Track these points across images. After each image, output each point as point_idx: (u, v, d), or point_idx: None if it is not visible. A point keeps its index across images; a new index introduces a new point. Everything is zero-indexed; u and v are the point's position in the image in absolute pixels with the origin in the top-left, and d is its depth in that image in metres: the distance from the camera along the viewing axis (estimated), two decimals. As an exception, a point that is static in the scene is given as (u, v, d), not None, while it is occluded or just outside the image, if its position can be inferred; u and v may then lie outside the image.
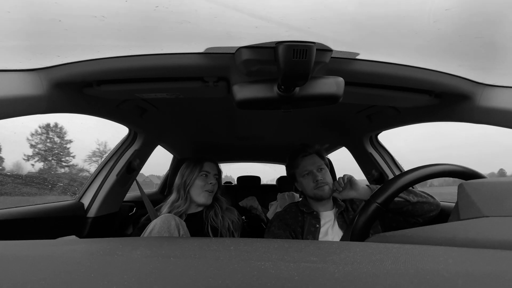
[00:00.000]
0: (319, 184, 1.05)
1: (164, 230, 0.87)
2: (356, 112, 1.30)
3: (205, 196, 1.10)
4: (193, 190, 1.10)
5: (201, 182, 1.10)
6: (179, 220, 0.94)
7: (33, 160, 8.67)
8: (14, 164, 5.11)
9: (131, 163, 1.39)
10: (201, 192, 1.10)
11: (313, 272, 0.25)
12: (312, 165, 1.09)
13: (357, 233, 0.61)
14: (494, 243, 0.35)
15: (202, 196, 1.10)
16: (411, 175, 0.63)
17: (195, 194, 1.10)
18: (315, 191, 1.05)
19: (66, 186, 2.74)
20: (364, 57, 0.70)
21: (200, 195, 1.10)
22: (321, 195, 1.05)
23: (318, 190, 1.05)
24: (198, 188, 1.10)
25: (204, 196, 1.10)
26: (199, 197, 1.10)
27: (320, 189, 1.05)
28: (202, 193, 1.10)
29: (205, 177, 1.12)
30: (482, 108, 0.80)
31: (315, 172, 1.07)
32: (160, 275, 0.25)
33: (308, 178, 1.08)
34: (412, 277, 0.24)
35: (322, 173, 1.08)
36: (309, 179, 1.08)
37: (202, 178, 1.12)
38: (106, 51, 0.67)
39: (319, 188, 1.05)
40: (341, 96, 0.66)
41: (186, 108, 1.29)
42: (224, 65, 0.70)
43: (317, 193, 1.05)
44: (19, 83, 0.68)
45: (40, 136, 12.02)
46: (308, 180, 1.08)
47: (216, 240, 0.46)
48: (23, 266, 0.28)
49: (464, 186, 0.47)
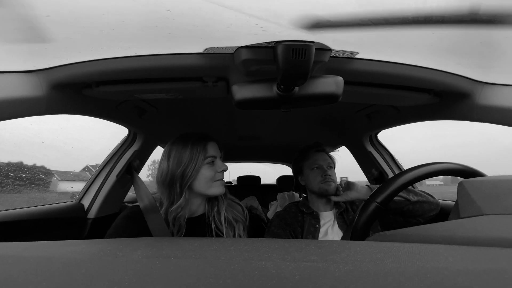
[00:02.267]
0: (326, 179, 1.06)
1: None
2: (356, 111, 1.30)
3: (218, 186, 0.84)
4: (198, 184, 0.82)
5: (210, 172, 0.82)
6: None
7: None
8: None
9: (131, 164, 1.39)
10: (211, 184, 0.83)
11: (314, 271, 0.25)
12: (324, 161, 1.11)
13: (357, 233, 0.62)
14: (494, 241, 0.35)
15: (215, 187, 0.84)
16: (411, 174, 0.63)
17: (203, 188, 0.82)
18: (321, 185, 1.06)
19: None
20: (363, 56, 0.70)
21: (211, 187, 0.83)
22: (326, 190, 1.05)
23: (324, 184, 1.06)
24: (206, 181, 0.82)
25: (217, 186, 0.84)
26: (211, 189, 0.83)
27: (327, 184, 1.05)
28: (213, 184, 0.83)
29: (211, 165, 0.84)
30: (482, 106, 0.80)
31: (325, 167, 1.09)
32: (161, 276, 0.25)
33: (316, 172, 1.09)
34: (413, 275, 0.24)
35: (331, 171, 1.10)
36: (317, 173, 1.09)
37: (208, 165, 0.83)
38: (105, 52, 0.67)
39: (326, 183, 1.06)
40: (340, 95, 0.66)
41: (186, 108, 1.28)
42: (223, 65, 0.70)
43: (322, 187, 1.06)
44: (18, 85, 0.68)
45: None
46: (316, 174, 1.09)
47: (216, 240, 0.46)
48: (23, 267, 0.28)
49: (464, 184, 0.47)
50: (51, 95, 0.74)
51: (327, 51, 0.64)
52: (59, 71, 0.71)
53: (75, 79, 0.73)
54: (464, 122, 0.90)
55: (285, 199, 1.86)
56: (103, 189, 1.32)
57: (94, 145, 3.20)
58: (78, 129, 1.51)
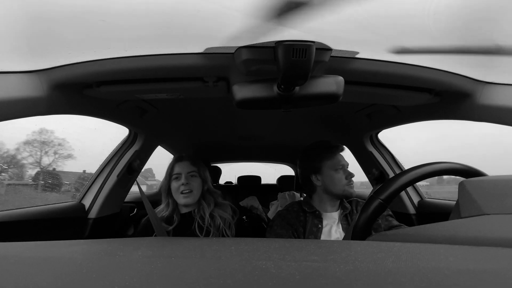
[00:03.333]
0: (351, 182, 1.04)
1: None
2: (356, 111, 1.30)
3: (182, 198, 1.09)
4: (173, 193, 1.11)
5: (176, 184, 1.10)
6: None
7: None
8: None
9: (132, 164, 1.39)
10: (178, 195, 1.10)
11: (314, 271, 0.25)
12: (345, 161, 1.08)
13: (359, 229, 0.61)
14: (495, 241, 0.35)
15: (180, 198, 1.10)
16: (414, 172, 0.63)
17: (176, 197, 1.11)
18: (347, 187, 1.03)
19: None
20: (363, 56, 0.70)
21: (178, 198, 1.10)
22: (351, 193, 1.03)
23: (349, 187, 1.03)
24: (174, 192, 1.11)
25: (181, 198, 1.09)
26: (179, 199, 1.10)
27: (351, 186, 1.04)
28: (179, 196, 1.10)
29: (177, 180, 1.11)
30: (483, 106, 0.80)
31: (346, 168, 1.06)
32: (161, 276, 0.25)
33: (341, 173, 1.05)
34: (413, 275, 0.24)
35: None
36: (342, 174, 1.05)
37: (175, 181, 1.11)
38: (105, 52, 0.67)
39: (350, 185, 1.04)
40: (341, 95, 0.65)
41: (186, 108, 1.29)
42: (224, 65, 0.70)
43: (347, 190, 1.03)
44: (19, 85, 0.68)
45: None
46: (341, 175, 1.04)
47: (217, 240, 0.46)
48: (24, 267, 0.28)
49: (465, 184, 0.47)
50: (52, 95, 0.74)
51: (328, 51, 0.64)
52: (60, 71, 0.71)
53: (76, 79, 0.73)
54: (466, 122, 0.90)
55: (285, 199, 1.86)
56: (103, 189, 1.32)
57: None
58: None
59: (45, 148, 3.76)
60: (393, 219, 1.03)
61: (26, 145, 3.58)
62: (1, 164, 3.50)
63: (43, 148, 3.73)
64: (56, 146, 3.83)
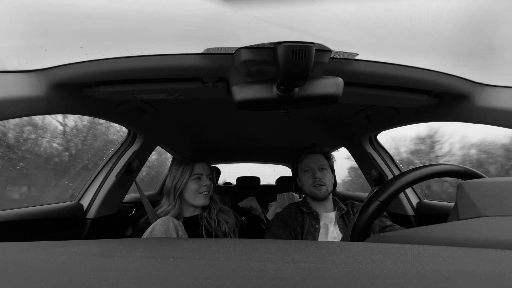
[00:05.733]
0: (316, 182, 1.05)
1: (162, 232, 0.88)
2: (355, 113, 1.30)
3: (202, 198, 1.09)
4: (187, 194, 1.08)
5: (195, 186, 1.08)
6: (178, 222, 0.94)
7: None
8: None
9: (131, 164, 1.38)
10: (197, 195, 1.08)
11: (313, 272, 0.25)
12: (315, 163, 1.10)
13: (358, 231, 0.61)
14: (493, 243, 0.35)
15: (199, 199, 1.08)
16: (412, 174, 0.63)
17: (190, 198, 1.08)
18: (312, 189, 1.06)
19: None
20: (363, 58, 0.70)
21: (196, 198, 1.08)
22: (316, 194, 1.05)
23: (314, 189, 1.06)
24: (192, 192, 1.08)
25: (201, 198, 1.09)
26: (196, 200, 1.08)
27: (316, 188, 1.05)
28: (198, 196, 1.08)
29: (198, 180, 1.10)
30: (481, 108, 0.80)
31: (315, 169, 1.08)
32: (159, 276, 0.25)
33: (307, 175, 1.09)
34: (412, 277, 0.24)
35: (323, 172, 1.08)
36: (308, 176, 1.09)
37: (195, 181, 1.09)
38: (105, 52, 0.67)
39: (316, 187, 1.05)
40: (340, 97, 0.66)
41: (186, 109, 1.28)
42: (223, 65, 0.70)
43: (313, 191, 1.06)
44: (18, 84, 0.68)
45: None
46: (307, 177, 1.09)
47: (215, 241, 0.46)
48: (22, 268, 0.27)
49: (463, 186, 0.47)
50: (51, 95, 0.73)
51: (327, 52, 0.64)
52: (59, 71, 0.71)
53: (75, 79, 0.73)
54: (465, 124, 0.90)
55: (284, 200, 1.86)
56: (102, 189, 1.32)
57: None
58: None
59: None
60: (387, 219, 1.04)
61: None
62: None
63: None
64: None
